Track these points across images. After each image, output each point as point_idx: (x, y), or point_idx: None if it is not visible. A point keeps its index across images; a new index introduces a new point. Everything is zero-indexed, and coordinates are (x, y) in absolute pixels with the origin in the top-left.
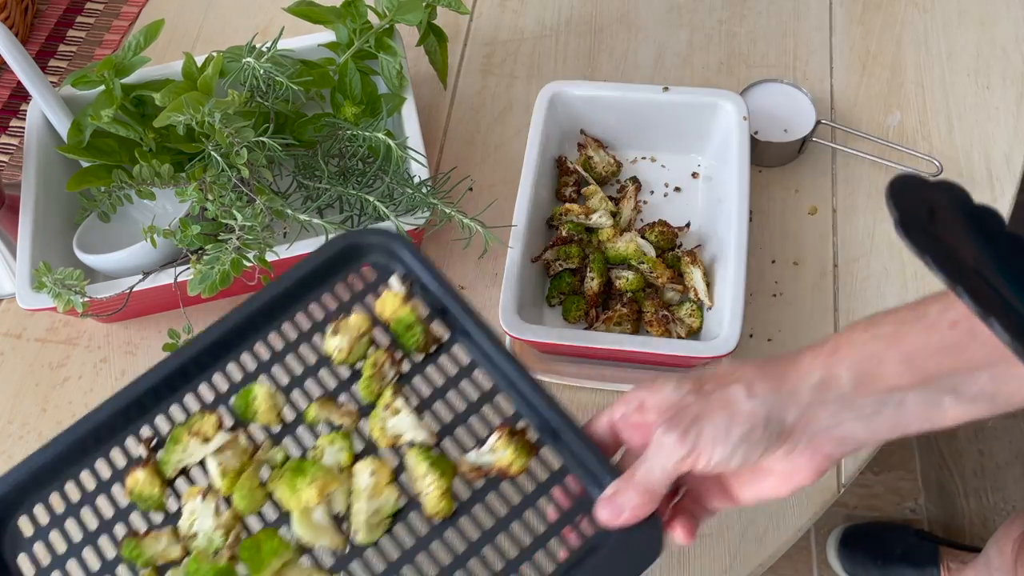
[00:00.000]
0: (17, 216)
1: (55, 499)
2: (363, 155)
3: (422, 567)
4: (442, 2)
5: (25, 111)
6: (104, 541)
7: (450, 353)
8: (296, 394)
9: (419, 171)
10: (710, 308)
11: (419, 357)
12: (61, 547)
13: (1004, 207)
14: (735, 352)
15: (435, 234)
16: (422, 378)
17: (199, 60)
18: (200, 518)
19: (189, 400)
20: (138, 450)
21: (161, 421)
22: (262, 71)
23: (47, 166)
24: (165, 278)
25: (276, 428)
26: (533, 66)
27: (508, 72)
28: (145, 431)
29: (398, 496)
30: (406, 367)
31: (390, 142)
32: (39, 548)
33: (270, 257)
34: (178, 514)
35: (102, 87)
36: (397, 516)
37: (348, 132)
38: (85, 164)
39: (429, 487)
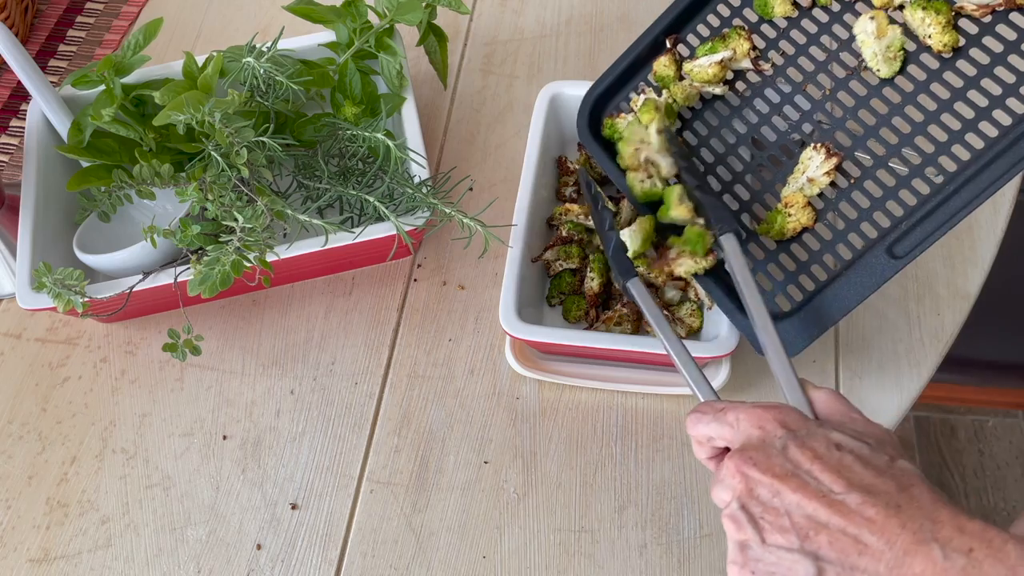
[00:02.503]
0: (17, 216)
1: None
2: (363, 155)
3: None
4: (442, 2)
5: (25, 111)
6: None
7: None
8: None
9: (419, 171)
10: (710, 308)
11: None
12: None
13: (1004, 207)
14: (735, 352)
15: (435, 234)
16: None
17: (199, 60)
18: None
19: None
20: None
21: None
22: (262, 71)
23: (47, 166)
24: (165, 278)
25: None
26: (533, 66)
27: (508, 72)
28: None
29: (901, 32)
30: None
31: (390, 143)
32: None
33: (270, 258)
34: None
35: (102, 87)
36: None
37: (348, 132)
38: (85, 164)
39: (929, 27)
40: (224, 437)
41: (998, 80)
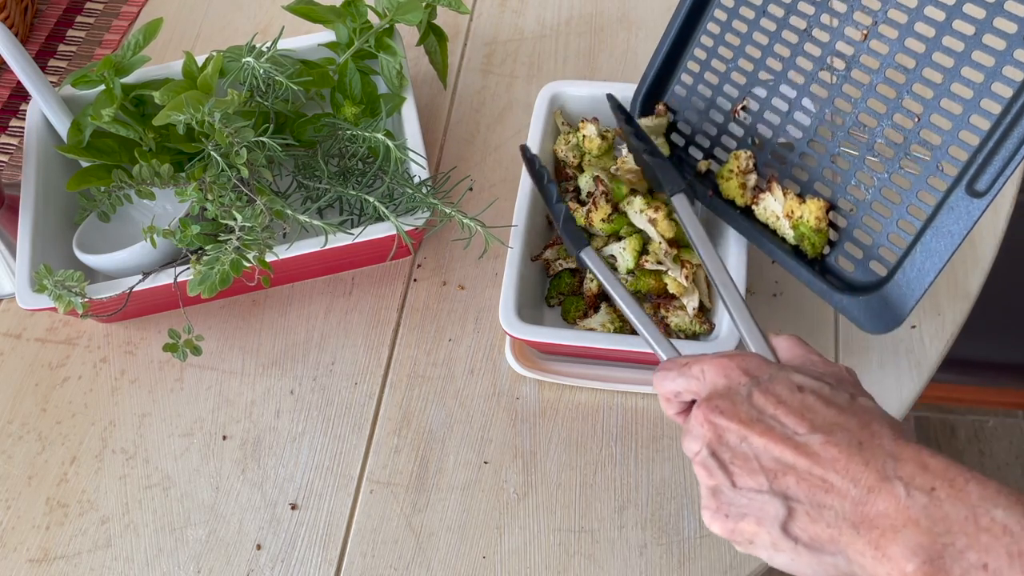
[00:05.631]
0: (17, 216)
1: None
2: (363, 155)
3: None
4: (442, 2)
5: (25, 111)
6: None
7: None
8: None
9: (419, 171)
10: (710, 308)
11: None
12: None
13: (1004, 207)
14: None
15: (435, 234)
16: None
17: (199, 60)
18: None
19: None
20: None
21: None
22: (262, 71)
23: (47, 166)
24: (165, 278)
25: None
26: (533, 66)
27: (508, 72)
28: None
29: None
30: None
31: (390, 143)
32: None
33: (269, 258)
34: None
35: (102, 87)
36: None
37: (348, 132)
38: (85, 164)
39: None
40: (224, 437)
41: None
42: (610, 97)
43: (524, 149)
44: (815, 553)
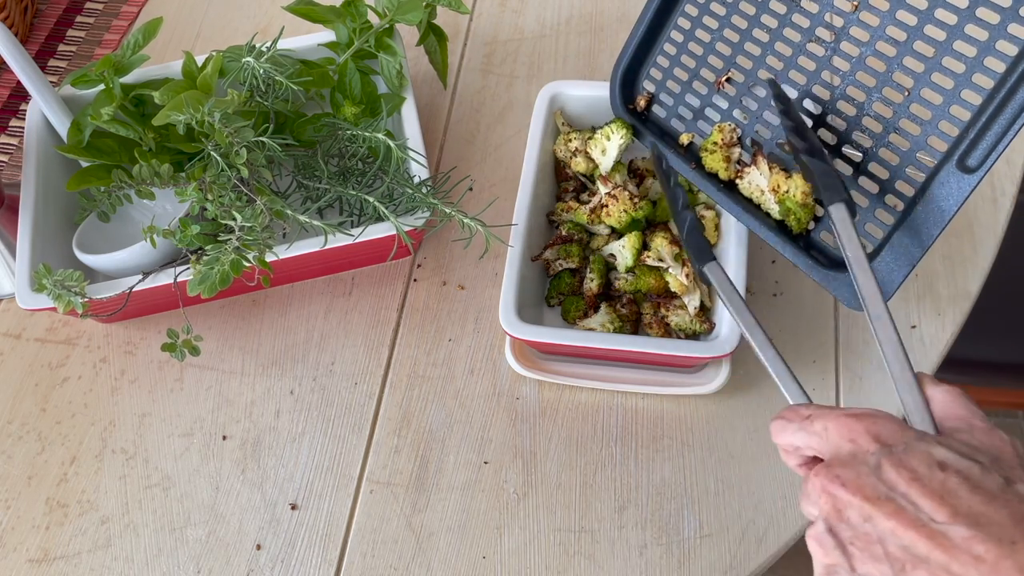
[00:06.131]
0: (17, 216)
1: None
2: (363, 155)
3: None
4: (442, 2)
5: (25, 111)
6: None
7: None
8: None
9: (419, 171)
10: (710, 307)
11: None
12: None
13: (1004, 207)
14: (735, 353)
15: (435, 234)
16: None
17: (199, 60)
18: None
19: None
20: None
21: None
22: (262, 71)
23: (47, 166)
24: (165, 278)
25: None
26: (533, 66)
27: (508, 72)
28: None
29: None
30: None
31: (390, 143)
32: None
33: (269, 258)
34: None
35: (101, 87)
36: None
37: (348, 132)
38: (85, 164)
39: None
40: (224, 437)
41: None
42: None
43: (654, 147)
44: None
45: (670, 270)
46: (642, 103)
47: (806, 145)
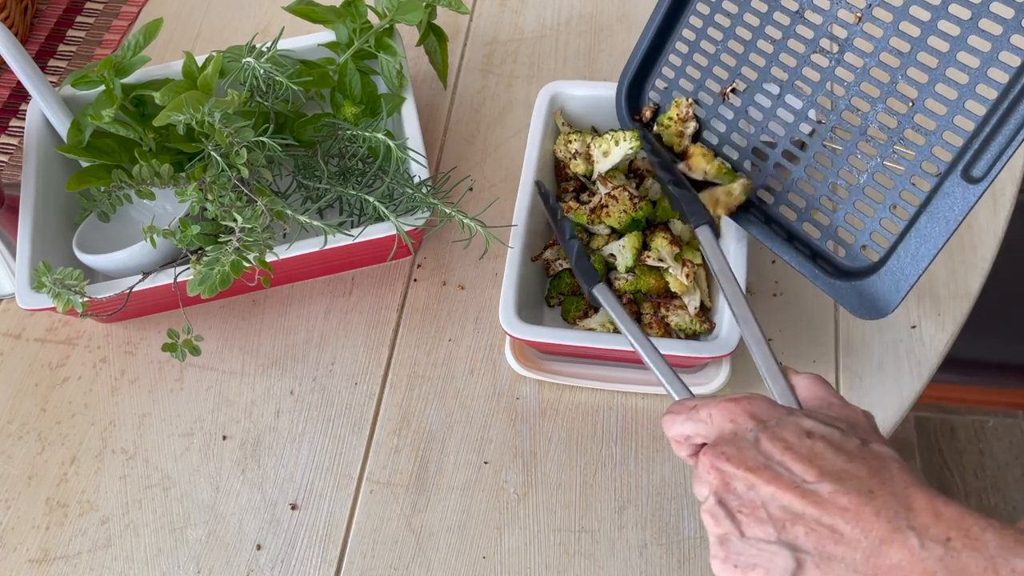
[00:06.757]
0: (17, 216)
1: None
2: (363, 155)
3: None
4: (442, 2)
5: (25, 111)
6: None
7: None
8: None
9: (419, 171)
10: (710, 308)
11: None
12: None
13: (1004, 207)
14: (735, 353)
15: (435, 234)
16: None
17: (199, 60)
18: None
19: None
20: None
21: None
22: (262, 71)
23: (47, 166)
24: (165, 278)
25: None
26: (533, 66)
27: (508, 72)
28: None
29: None
30: None
31: (390, 143)
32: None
33: (269, 258)
34: None
35: (102, 87)
36: None
37: (348, 132)
38: (85, 164)
39: None
40: (224, 437)
41: None
42: (644, 133)
43: (537, 184)
44: None
45: (670, 270)
46: (648, 114)
47: (672, 177)
